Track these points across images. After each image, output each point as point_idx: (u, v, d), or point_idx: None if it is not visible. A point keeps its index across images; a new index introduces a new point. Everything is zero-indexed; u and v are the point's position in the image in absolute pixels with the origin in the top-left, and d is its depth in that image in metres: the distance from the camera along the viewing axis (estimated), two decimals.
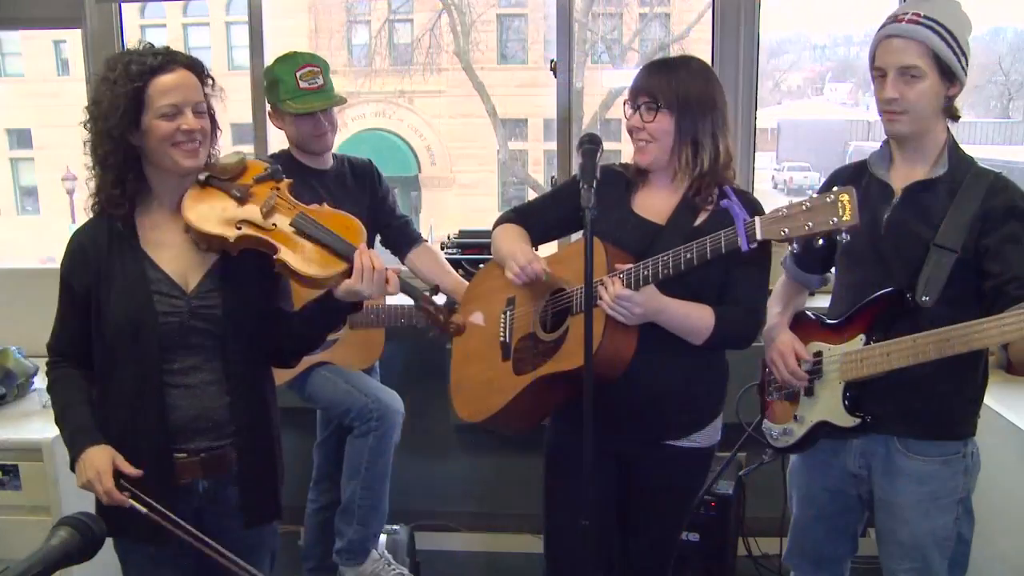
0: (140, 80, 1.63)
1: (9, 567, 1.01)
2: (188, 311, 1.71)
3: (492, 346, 2.04)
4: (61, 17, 3.23)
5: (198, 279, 1.73)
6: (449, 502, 3.29)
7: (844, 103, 19.64)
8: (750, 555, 2.94)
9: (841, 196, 1.60)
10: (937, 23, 1.75)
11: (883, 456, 1.88)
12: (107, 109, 1.65)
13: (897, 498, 1.87)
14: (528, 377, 1.91)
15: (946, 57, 1.75)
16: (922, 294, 1.77)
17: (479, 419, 2.02)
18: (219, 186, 1.74)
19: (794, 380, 1.91)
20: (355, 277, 1.67)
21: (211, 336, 1.72)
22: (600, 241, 1.82)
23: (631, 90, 1.91)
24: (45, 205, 16.44)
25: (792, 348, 1.92)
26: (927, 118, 1.79)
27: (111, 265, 1.70)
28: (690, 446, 1.95)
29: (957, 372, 1.81)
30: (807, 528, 2.07)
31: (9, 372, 2.61)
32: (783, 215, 1.65)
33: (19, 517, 2.36)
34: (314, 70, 2.50)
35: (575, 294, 1.86)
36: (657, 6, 14.45)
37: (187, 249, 1.74)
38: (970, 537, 1.89)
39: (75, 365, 1.76)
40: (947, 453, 1.84)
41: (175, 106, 1.65)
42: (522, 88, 14.40)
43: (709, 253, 1.71)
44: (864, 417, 1.84)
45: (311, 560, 2.78)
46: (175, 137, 1.66)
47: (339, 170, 2.64)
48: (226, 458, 1.76)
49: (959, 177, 1.80)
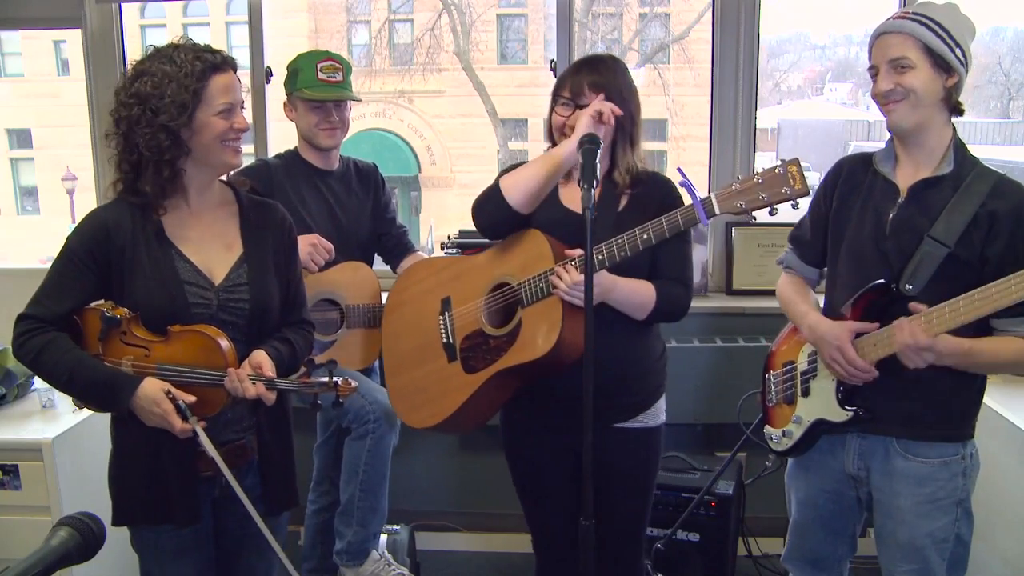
0: (204, 78, 1.67)
1: (9, 567, 1.01)
2: (217, 304, 1.75)
3: (432, 349, 2.05)
4: (61, 17, 3.24)
5: (224, 273, 1.78)
6: (449, 502, 3.30)
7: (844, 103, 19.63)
8: (750, 555, 2.94)
9: (790, 167, 1.73)
10: (926, 17, 1.78)
11: (882, 457, 1.88)
12: (167, 103, 1.65)
13: (896, 500, 1.86)
14: (484, 374, 1.93)
15: (937, 48, 1.76)
16: (907, 282, 1.78)
17: (432, 423, 2.03)
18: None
19: (863, 377, 1.81)
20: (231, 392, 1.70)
21: (236, 328, 1.77)
22: (543, 234, 1.90)
23: (571, 87, 1.93)
24: (45, 205, 16.41)
25: (849, 339, 1.82)
26: (926, 106, 1.79)
27: (136, 251, 1.72)
28: (639, 427, 1.99)
29: (957, 373, 1.80)
30: (806, 530, 2.07)
31: (9, 372, 2.61)
32: (737, 190, 1.77)
33: (19, 517, 2.36)
34: (336, 65, 2.54)
35: (523, 287, 1.90)
36: (657, 6, 14.42)
37: (210, 243, 1.79)
38: (969, 538, 1.89)
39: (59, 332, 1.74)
40: (946, 455, 1.84)
41: (231, 104, 1.70)
42: (522, 88, 14.36)
43: (667, 232, 1.79)
44: (857, 410, 1.85)
45: (311, 561, 2.78)
46: (228, 135, 1.71)
47: (345, 172, 2.66)
48: (246, 448, 1.82)
49: (964, 175, 1.80)
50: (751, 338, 2.98)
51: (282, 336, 1.85)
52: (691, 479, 2.80)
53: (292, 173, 2.56)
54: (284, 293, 1.86)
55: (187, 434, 1.67)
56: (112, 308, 1.71)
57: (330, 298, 2.54)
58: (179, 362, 1.70)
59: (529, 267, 1.90)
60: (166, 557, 1.81)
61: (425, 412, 2.05)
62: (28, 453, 2.35)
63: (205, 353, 1.70)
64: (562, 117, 1.94)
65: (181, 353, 1.70)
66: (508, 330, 1.93)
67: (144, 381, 1.68)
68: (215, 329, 1.71)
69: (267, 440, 1.85)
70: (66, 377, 1.70)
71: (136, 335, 1.71)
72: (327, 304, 2.54)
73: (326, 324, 2.53)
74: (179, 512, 1.75)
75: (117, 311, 1.70)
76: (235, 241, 1.81)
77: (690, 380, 2.91)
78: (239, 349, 1.74)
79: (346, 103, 2.57)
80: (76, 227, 1.77)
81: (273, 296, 1.82)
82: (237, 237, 1.82)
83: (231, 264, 1.79)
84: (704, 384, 2.95)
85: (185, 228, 1.77)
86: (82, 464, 2.43)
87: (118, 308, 1.71)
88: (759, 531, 2.93)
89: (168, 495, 1.74)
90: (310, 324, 1.96)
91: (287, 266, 1.88)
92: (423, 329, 2.08)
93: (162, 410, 1.65)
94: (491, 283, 1.98)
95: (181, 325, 1.71)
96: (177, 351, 1.70)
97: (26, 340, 1.70)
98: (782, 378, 2.04)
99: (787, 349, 2.05)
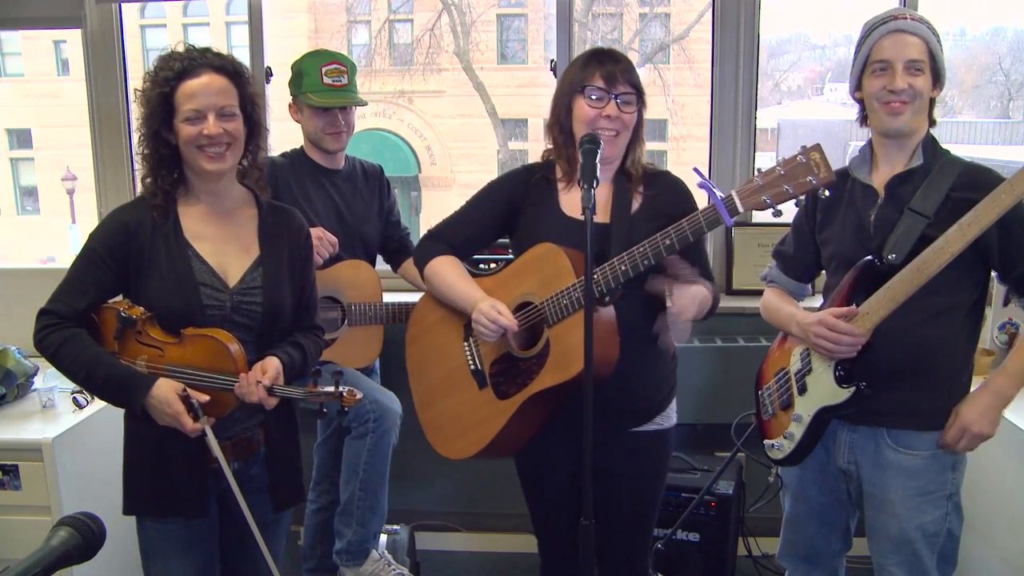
0: (167, 85, 1.68)
1: (9, 567, 1.01)
2: (230, 306, 1.77)
3: (460, 377, 1.99)
4: (61, 17, 3.24)
5: (238, 275, 1.80)
6: (449, 502, 3.30)
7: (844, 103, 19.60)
8: (750, 555, 2.94)
9: (812, 154, 1.65)
10: (929, 26, 1.83)
11: (872, 451, 1.90)
12: (146, 110, 1.71)
13: (887, 493, 1.88)
14: (518, 399, 1.88)
15: (939, 59, 1.82)
16: (889, 252, 1.80)
17: (468, 454, 1.97)
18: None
19: (851, 340, 1.82)
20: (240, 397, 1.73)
21: (247, 331, 1.79)
22: (559, 247, 1.82)
23: (605, 77, 1.85)
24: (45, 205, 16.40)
25: (830, 314, 1.84)
26: (918, 113, 1.84)
27: (154, 250, 1.75)
28: (655, 429, 1.98)
29: (950, 360, 1.85)
30: (799, 525, 2.08)
31: (9, 372, 2.61)
32: (760, 184, 1.68)
33: (19, 517, 2.36)
34: (340, 68, 2.53)
35: (547, 305, 1.84)
36: (657, 6, 14.41)
37: (226, 245, 1.80)
38: (959, 533, 1.91)
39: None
40: (934, 447, 1.86)
41: (197, 111, 1.69)
42: (522, 88, 14.36)
43: (691, 236, 1.72)
44: (858, 384, 1.84)
45: (310, 560, 2.78)
46: (198, 141, 1.70)
47: (351, 171, 2.67)
48: (254, 441, 1.85)
49: (934, 165, 1.85)
50: (751, 338, 2.98)
51: (294, 340, 1.88)
52: (691, 479, 2.80)
53: (297, 171, 2.56)
54: (297, 298, 1.88)
55: (197, 433, 1.71)
56: (128, 308, 1.75)
57: (331, 296, 2.55)
58: (191, 364, 1.73)
59: (550, 284, 1.83)
60: (171, 552, 1.83)
61: (461, 443, 1.99)
62: (28, 453, 2.35)
63: (217, 357, 1.73)
64: (596, 109, 1.84)
65: (193, 355, 1.73)
66: (537, 351, 1.87)
67: (158, 381, 1.71)
68: (227, 334, 1.74)
69: (274, 436, 1.88)
70: (83, 374, 1.74)
71: (151, 335, 1.74)
72: (328, 302, 2.54)
73: (327, 322, 2.53)
74: (188, 505, 1.78)
75: (133, 311, 1.74)
76: (252, 244, 1.84)
77: (690, 380, 2.91)
78: (249, 351, 1.77)
79: (351, 108, 2.57)
80: (98, 226, 1.81)
81: (286, 300, 1.84)
82: (254, 240, 1.84)
83: (247, 267, 1.81)
84: (704, 384, 2.95)
85: (203, 229, 1.79)
86: (82, 464, 2.43)
87: (134, 308, 1.74)
88: (759, 531, 2.93)
89: (178, 488, 1.78)
90: (321, 329, 1.99)
91: (302, 272, 1.90)
92: (448, 356, 2.02)
93: (174, 411, 1.69)
94: (513, 303, 1.90)
95: (195, 327, 1.74)
96: (189, 353, 1.73)
97: (46, 335, 1.74)
98: (775, 387, 2.04)
99: (777, 358, 2.05)
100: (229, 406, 1.75)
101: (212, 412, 1.73)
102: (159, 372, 1.74)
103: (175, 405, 1.69)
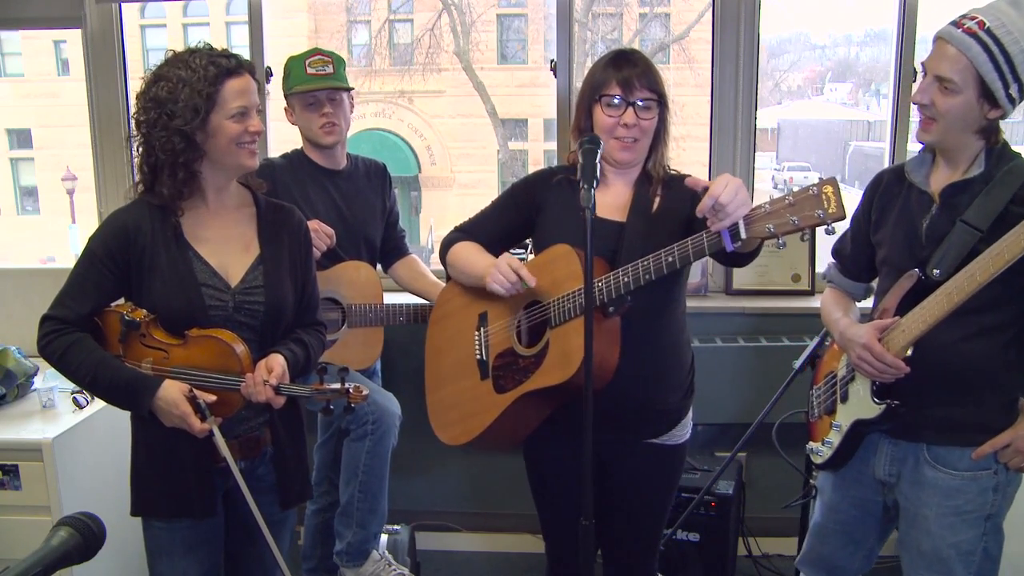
0: (217, 82, 1.69)
1: (9, 567, 1.01)
2: (233, 305, 1.78)
3: (468, 365, 2.00)
4: (61, 17, 3.24)
5: (240, 275, 1.80)
6: (449, 502, 3.30)
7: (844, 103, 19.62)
8: (750, 555, 2.94)
9: (825, 188, 1.54)
10: (997, 42, 1.64)
11: (912, 466, 1.85)
12: (181, 107, 1.68)
13: (922, 509, 1.83)
14: (511, 395, 1.88)
15: (990, 82, 1.65)
16: (934, 267, 1.71)
17: (461, 441, 1.99)
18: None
19: (889, 369, 1.76)
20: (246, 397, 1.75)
21: (250, 329, 1.80)
22: (574, 249, 1.81)
23: (621, 84, 1.83)
24: (45, 205, 16.40)
25: (874, 336, 1.78)
26: (957, 133, 1.72)
27: (155, 252, 1.75)
28: (670, 443, 1.97)
29: (992, 375, 1.77)
30: (826, 534, 2.05)
31: (9, 372, 2.61)
32: (766, 211, 1.59)
33: (19, 517, 2.36)
34: (324, 59, 2.54)
35: (552, 306, 1.84)
36: (657, 6, 14.41)
37: (226, 244, 1.81)
38: (998, 554, 1.84)
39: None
40: (976, 468, 1.78)
41: (245, 108, 1.72)
42: (522, 88, 14.36)
43: (692, 256, 1.70)
44: (889, 403, 1.79)
45: (311, 561, 2.78)
46: (242, 138, 1.73)
47: (353, 171, 2.67)
48: (260, 440, 1.86)
49: (995, 173, 1.73)
50: (751, 338, 2.98)
51: (297, 337, 1.89)
52: (691, 479, 2.80)
53: (297, 173, 2.56)
54: (299, 295, 1.89)
55: (205, 434, 1.72)
56: (131, 311, 1.75)
57: (331, 297, 2.55)
58: (196, 365, 1.74)
59: (560, 285, 1.83)
60: (178, 551, 1.83)
61: (457, 429, 2.00)
62: (28, 453, 2.35)
63: (221, 358, 1.74)
64: (613, 117, 1.83)
65: (198, 357, 1.74)
66: (536, 351, 1.87)
67: (165, 383, 1.72)
68: (231, 335, 1.75)
69: (280, 435, 1.88)
70: (89, 378, 1.74)
71: (155, 337, 1.75)
72: (328, 303, 2.54)
73: (327, 323, 2.53)
74: (196, 505, 1.79)
75: (136, 314, 1.74)
76: (252, 243, 1.84)
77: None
78: (253, 349, 1.78)
79: (341, 98, 2.56)
80: (97, 229, 1.81)
81: (288, 298, 1.85)
82: (254, 239, 1.85)
83: (247, 266, 1.82)
84: (704, 384, 2.94)
85: (203, 229, 1.80)
86: (82, 464, 2.43)
87: (137, 310, 1.75)
88: (759, 531, 2.93)
89: (186, 488, 1.78)
90: (323, 325, 2.00)
91: (302, 269, 1.91)
92: (461, 344, 2.03)
93: (181, 412, 1.70)
94: (525, 299, 1.91)
95: (199, 327, 1.74)
96: (194, 354, 1.74)
97: (51, 341, 1.74)
98: (823, 389, 2.02)
99: (828, 360, 2.04)
100: (236, 406, 1.76)
101: (219, 412, 1.74)
102: (165, 374, 1.74)
103: (182, 406, 1.69)
